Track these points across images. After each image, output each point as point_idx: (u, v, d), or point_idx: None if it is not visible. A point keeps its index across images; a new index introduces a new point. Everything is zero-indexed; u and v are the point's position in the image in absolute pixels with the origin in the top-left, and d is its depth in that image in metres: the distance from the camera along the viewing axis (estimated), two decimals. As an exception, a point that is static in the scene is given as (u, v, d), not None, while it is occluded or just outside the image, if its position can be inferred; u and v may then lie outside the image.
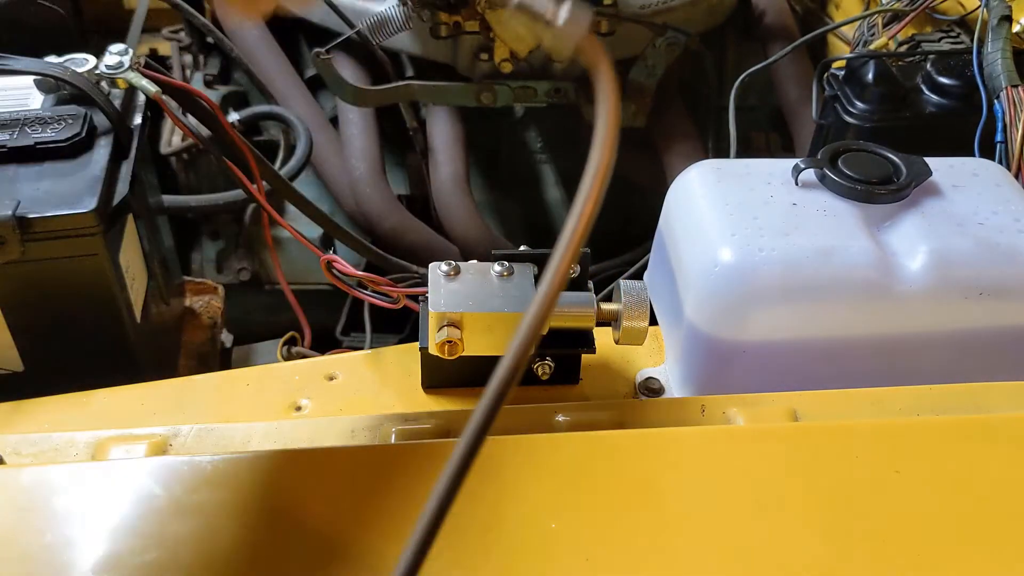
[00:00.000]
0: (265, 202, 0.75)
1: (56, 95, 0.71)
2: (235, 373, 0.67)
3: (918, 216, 0.63)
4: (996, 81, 0.82)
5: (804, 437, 0.51)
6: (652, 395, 0.66)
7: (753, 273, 0.59)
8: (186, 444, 0.53)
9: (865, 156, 0.66)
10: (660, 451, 0.49)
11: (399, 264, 0.97)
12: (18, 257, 0.62)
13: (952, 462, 0.49)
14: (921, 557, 0.44)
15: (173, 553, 0.43)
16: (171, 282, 0.84)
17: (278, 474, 0.47)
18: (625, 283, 0.62)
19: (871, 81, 0.88)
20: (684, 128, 1.18)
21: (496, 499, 0.46)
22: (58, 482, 0.46)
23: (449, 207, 1.11)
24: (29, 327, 0.67)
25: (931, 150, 0.68)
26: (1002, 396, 0.55)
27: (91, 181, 0.64)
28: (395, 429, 0.54)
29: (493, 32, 1.04)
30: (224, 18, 1.25)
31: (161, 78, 0.73)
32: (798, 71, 1.18)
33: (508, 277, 0.60)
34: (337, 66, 1.08)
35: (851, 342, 0.62)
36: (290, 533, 0.44)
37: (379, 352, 0.68)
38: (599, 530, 0.45)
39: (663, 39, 1.08)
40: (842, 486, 0.47)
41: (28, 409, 0.62)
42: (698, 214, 0.64)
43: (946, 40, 0.98)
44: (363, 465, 0.49)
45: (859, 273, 0.60)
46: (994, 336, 0.62)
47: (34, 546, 0.43)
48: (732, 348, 0.61)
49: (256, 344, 1.07)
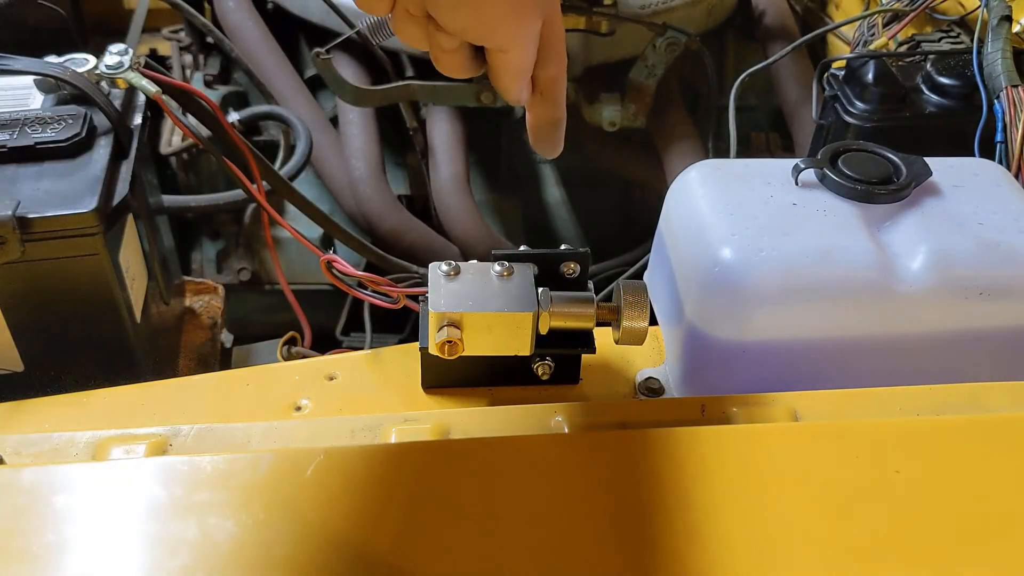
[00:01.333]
0: (265, 202, 0.75)
1: (56, 95, 0.71)
2: (235, 373, 0.67)
3: (918, 216, 0.63)
4: (996, 81, 0.82)
5: (804, 437, 0.51)
6: (652, 395, 0.66)
7: (753, 273, 0.59)
8: (186, 444, 0.53)
9: (865, 156, 0.66)
10: (660, 451, 0.49)
11: (399, 264, 0.97)
12: (18, 257, 0.62)
13: (952, 462, 0.49)
14: (921, 557, 0.44)
15: (173, 553, 0.43)
16: (171, 282, 0.84)
17: (278, 474, 0.47)
18: (625, 283, 0.62)
19: (871, 81, 0.88)
20: (684, 128, 1.18)
21: (496, 499, 0.46)
22: (58, 482, 0.46)
23: (449, 207, 1.11)
24: (29, 327, 0.67)
25: (931, 150, 0.68)
26: (1002, 396, 0.55)
27: (91, 181, 0.64)
28: (395, 429, 0.54)
29: (493, 32, 1.04)
30: (224, 18, 1.25)
31: (161, 78, 0.73)
32: (798, 71, 1.18)
33: (508, 277, 0.60)
34: (337, 66, 1.08)
35: (851, 342, 0.62)
36: (290, 533, 0.44)
37: (379, 352, 0.68)
38: (599, 530, 0.45)
39: (663, 39, 1.09)
40: (842, 486, 0.47)
41: (28, 409, 0.62)
42: (698, 214, 0.64)
43: (946, 40, 0.98)
44: (363, 465, 0.49)
45: (859, 273, 0.60)
46: (994, 336, 0.62)
47: (34, 546, 0.43)
48: (732, 348, 0.61)
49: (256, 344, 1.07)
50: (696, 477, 0.48)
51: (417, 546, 0.44)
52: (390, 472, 0.48)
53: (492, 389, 0.64)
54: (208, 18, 1.24)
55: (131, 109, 0.73)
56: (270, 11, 1.28)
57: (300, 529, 0.44)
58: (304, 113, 1.15)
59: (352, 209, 1.13)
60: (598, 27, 1.09)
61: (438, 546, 0.44)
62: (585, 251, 0.64)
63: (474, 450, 0.50)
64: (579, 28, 1.10)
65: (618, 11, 1.09)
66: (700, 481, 0.47)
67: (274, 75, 1.19)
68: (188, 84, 0.76)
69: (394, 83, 1.09)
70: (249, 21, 1.24)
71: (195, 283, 0.92)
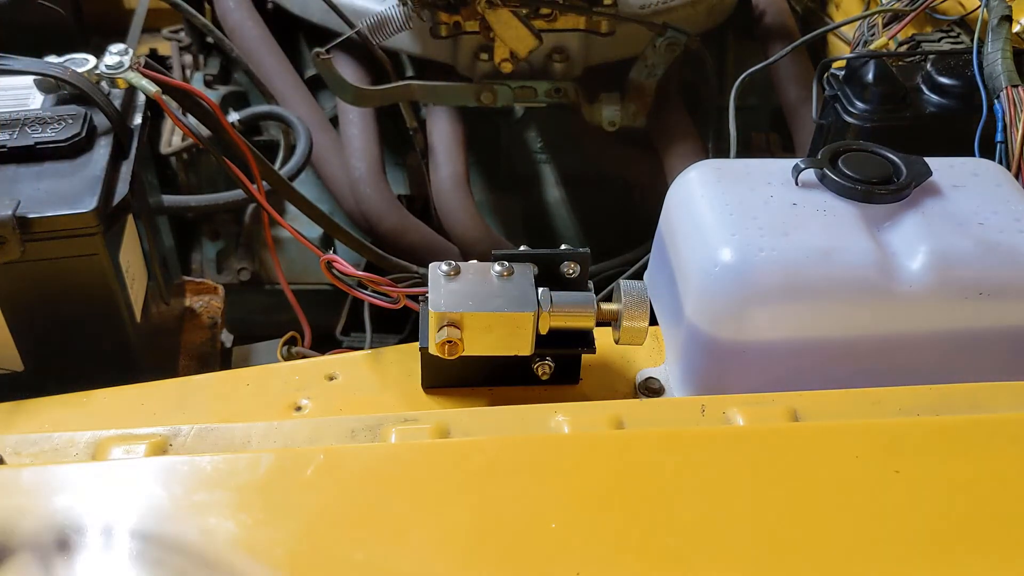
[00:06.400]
0: (265, 202, 0.75)
1: (56, 95, 0.71)
2: (235, 373, 0.67)
3: (918, 216, 0.63)
4: (996, 81, 0.82)
5: (804, 437, 0.51)
6: (652, 395, 0.66)
7: (753, 273, 0.59)
8: (186, 444, 0.53)
9: (865, 156, 0.66)
10: (660, 451, 0.49)
11: (399, 264, 0.97)
12: (18, 257, 0.62)
13: (952, 462, 0.49)
14: (921, 557, 0.44)
15: (173, 553, 0.43)
16: (171, 282, 0.84)
17: (278, 474, 0.47)
18: (625, 283, 0.62)
19: (871, 81, 0.87)
20: (684, 128, 1.18)
21: (496, 499, 0.46)
22: (58, 482, 0.46)
23: (449, 207, 1.11)
24: (29, 327, 0.67)
25: (931, 150, 0.68)
26: (1002, 396, 0.55)
27: (91, 181, 0.64)
28: (395, 429, 0.54)
29: (493, 32, 1.04)
30: (224, 18, 1.25)
31: (161, 78, 0.73)
32: (798, 71, 1.18)
33: (508, 277, 0.60)
34: (337, 66, 1.08)
35: (851, 342, 0.62)
36: (290, 533, 0.44)
37: (379, 352, 0.68)
38: (599, 531, 0.45)
39: (663, 39, 1.09)
40: (842, 486, 0.47)
41: (28, 409, 0.62)
42: (698, 214, 0.64)
43: (946, 40, 0.98)
44: (363, 465, 0.49)
45: (859, 273, 0.60)
46: (994, 336, 0.62)
47: (35, 546, 0.43)
48: (732, 348, 0.61)
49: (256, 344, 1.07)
50: (696, 477, 0.48)
51: (417, 546, 0.44)
52: (390, 472, 0.48)
53: (492, 389, 0.64)
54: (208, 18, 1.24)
55: (131, 109, 0.73)
56: (270, 11, 1.28)
57: (300, 529, 0.44)
58: (304, 113, 1.15)
59: (352, 209, 1.13)
60: (598, 27, 1.09)
61: (438, 546, 0.44)
62: (585, 251, 0.64)
63: (474, 450, 0.50)
64: (579, 28, 1.10)
65: (618, 11, 1.09)
66: (700, 481, 0.47)
67: (274, 75, 1.19)
68: (188, 84, 0.76)
69: (394, 83, 1.09)
70: (249, 21, 1.24)
71: (195, 283, 0.92)
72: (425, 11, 1.03)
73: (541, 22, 1.07)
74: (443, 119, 1.15)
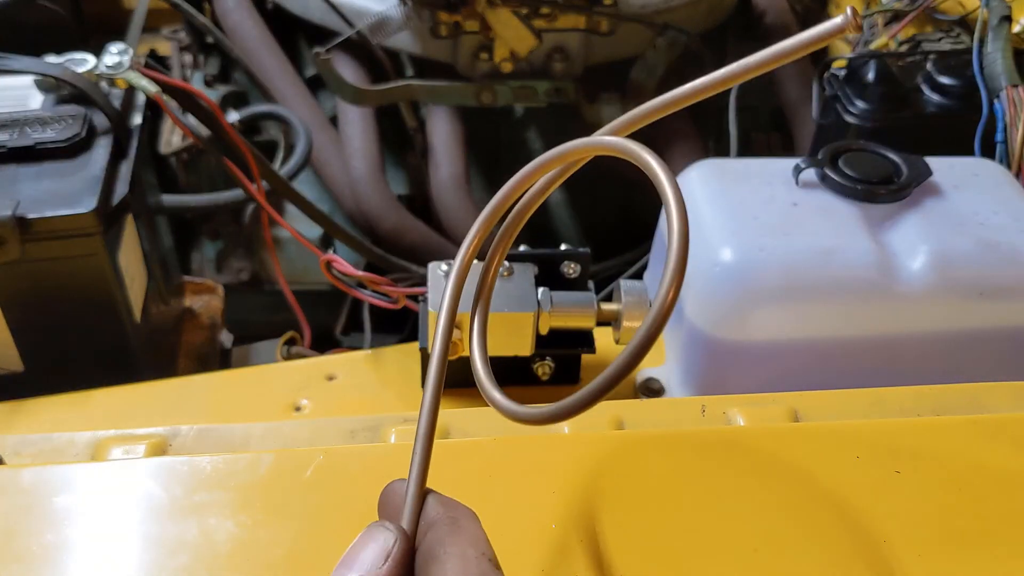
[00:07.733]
0: (265, 202, 0.75)
1: (56, 95, 0.71)
2: (235, 373, 0.68)
3: (918, 216, 0.63)
4: (996, 81, 0.82)
5: (804, 437, 0.51)
6: (652, 395, 0.66)
7: (753, 273, 0.59)
8: (186, 444, 0.53)
9: (865, 156, 0.66)
10: (660, 451, 0.49)
11: (399, 264, 0.97)
12: (18, 257, 0.62)
13: (952, 462, 0.49)
14: (922, 557, 0.44)
15: (173, 553, 0.43)
16: (171, 282, 0.84)
17: (278, 474, 0.47)
18: (625, 283, 0.62)
19: (871, 81, 0.88)
20: (684, 128, 1.17)
21: (496, 499, 0.46)
22: (58, 482, 0.46)
23: (449, 207, 1.11)
24: (29, 327, 0.67)
25: (931, 150, 0.68)
26: (1002, 396, 0.55)
27: (91, 181, 0.64)
28: (395, 429, 0.54)
29: (493, 32, 1.04)
30: (224, 18, 1.25)
31: (161, 78, 0.73)
32: (798, 71, 1.18)
33: (508, 277, 0.60)
34: (337, 66, 1.08)
35: (851, 342, 0.62)
36: (289, 533, 0.44)
37: (379, 352, 0.68)
38: (599, 531, 0.45)
39: (663, 39, 1.08)
40: (842, 486, 0.47)
41: (28, 409, 0.62)
42: (698, 214, 0.64)
43: (946, 40, 0.98)
44: (363, 465, 0.48)
45: (859, 273, 0.60)
46: (994, 336, 0.62)
47: (34, 546, 0.43)
48: (732, 348, 0.61)
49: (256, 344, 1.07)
50: (696, 477, 0.48)
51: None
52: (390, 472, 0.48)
53: (492, 389, 0.64)
54: (208, 18, 1.24)
55: (131, 109, 0.73)
56: (270, 11, 1.28)
57: (300, 529, 0.44)
58: (304, 113, 1.15)
59: (352, 209, 1.13)
60: (598, 26, 1.09)
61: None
62: (585, 251, 0.64)
63: (474, 450, 0.50)
64: (579, 28, 1.10)
65: (618, 10, 1.09)
66: (700, 481, 0.47)
67: (274, 75, 1.19)
68: (188, 84, 0.76)
69: (394, 83, 1.09)
70: (249, 21, 1.24)
71: (195, 283, 0.92)
72: (425, 11, 1.03)
73: (541, 22, 1.07)
74: (443, 119, 1.15)
